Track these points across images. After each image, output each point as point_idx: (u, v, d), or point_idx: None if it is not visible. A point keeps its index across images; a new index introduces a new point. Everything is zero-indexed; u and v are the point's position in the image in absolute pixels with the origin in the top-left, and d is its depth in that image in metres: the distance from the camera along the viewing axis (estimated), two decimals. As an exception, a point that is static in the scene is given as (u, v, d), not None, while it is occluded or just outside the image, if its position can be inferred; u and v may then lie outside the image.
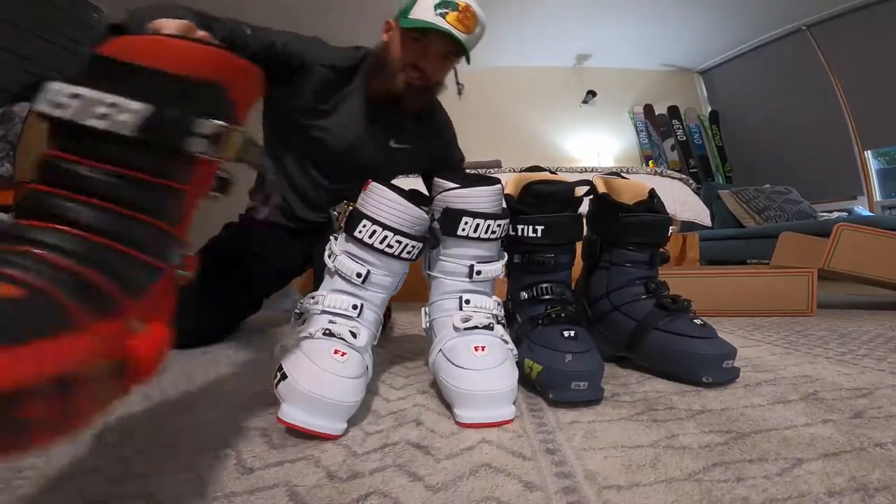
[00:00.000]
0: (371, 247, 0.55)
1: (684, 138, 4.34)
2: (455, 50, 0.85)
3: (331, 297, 0.56)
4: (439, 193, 0.61)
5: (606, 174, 0.75)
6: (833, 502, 0.31)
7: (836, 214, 2.92)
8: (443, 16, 0.80)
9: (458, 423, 0.49)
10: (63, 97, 0.27)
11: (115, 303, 0.27)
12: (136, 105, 0.28)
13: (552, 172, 0.72)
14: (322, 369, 0.47)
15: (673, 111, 4.37)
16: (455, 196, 0.59)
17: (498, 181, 0.62)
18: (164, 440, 0.46)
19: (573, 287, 0.77)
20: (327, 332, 0.51)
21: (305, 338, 0.52)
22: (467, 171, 1.20)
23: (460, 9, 0.81)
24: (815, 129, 3.59)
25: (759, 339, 0.92)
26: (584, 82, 4.30)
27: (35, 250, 0.26)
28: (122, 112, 0.28)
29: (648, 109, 4.40)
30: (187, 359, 0.85)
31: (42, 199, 0.28)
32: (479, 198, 0.59)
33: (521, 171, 0.79)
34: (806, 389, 0.57)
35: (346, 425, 0.47)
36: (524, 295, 0.67)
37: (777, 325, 1.08)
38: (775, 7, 3.33)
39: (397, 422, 0.50)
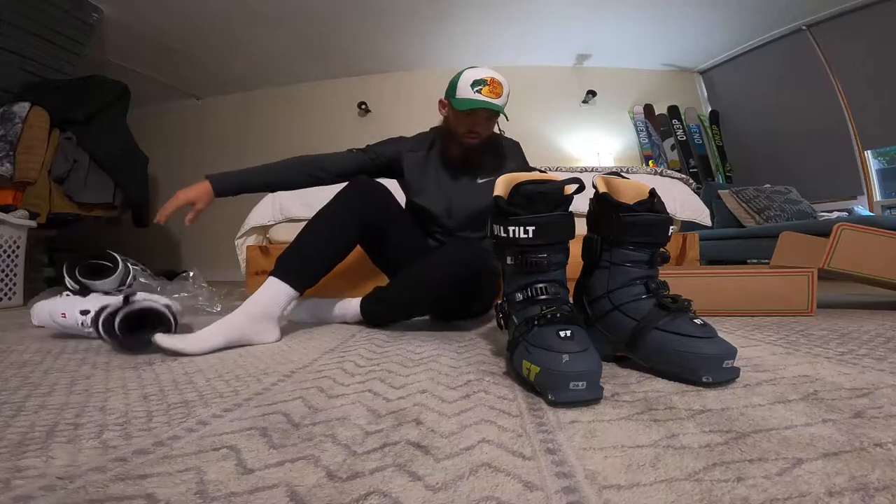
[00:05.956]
0: None
1: (684, 138, 4.33)
2: (494, 112, 1.16)
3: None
4: None
5: (607, 174, 0.75)
6: (833, 502, 0.31)
7: (836, 214, 2.92)
8: (479, 91, 1.11)
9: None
10: None
11: None
12: None
13: (541, 171, 0.73)
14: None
15: (673, 111, 4.37)
16: None
17: None
18: (163, 440, 0.46)
19: (575, 286, 0.77)
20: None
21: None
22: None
23: (489, 83, 1.12)
24: (815, 129, 3.58)
25: (759, 339, 0.92)
26: (584, 82, 4.29)
27: None
28: None
29: (648, 109, 4.39)
30: (187, 360, 0.85)
31: None
32: None
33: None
34: (806, 389, 0.57)
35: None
36: (519, 296, 0.67)
37: (777, 325, 1.08)
38: (775, 7, 3.32)
39: (397, 421, 0.50)
